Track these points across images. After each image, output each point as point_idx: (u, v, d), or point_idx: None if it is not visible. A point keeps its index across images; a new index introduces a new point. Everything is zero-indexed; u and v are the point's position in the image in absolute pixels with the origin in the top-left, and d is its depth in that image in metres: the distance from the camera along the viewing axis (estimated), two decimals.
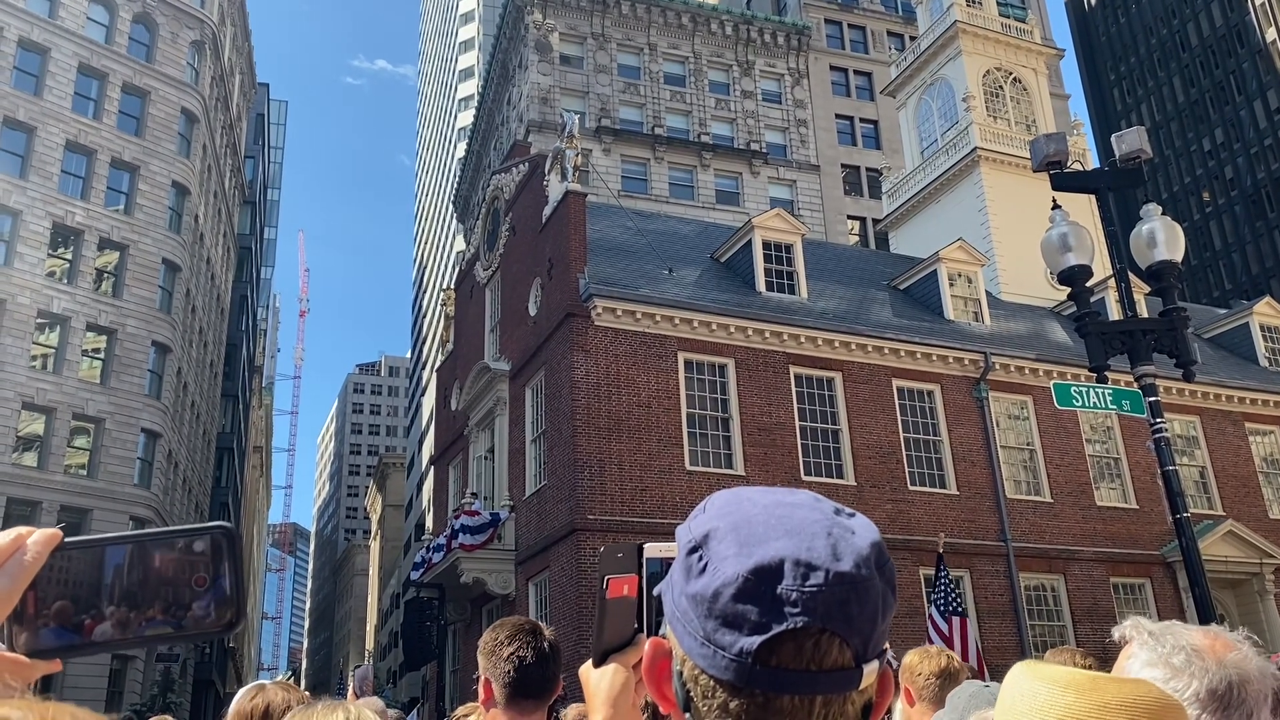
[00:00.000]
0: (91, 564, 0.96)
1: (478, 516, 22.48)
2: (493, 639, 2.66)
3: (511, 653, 2.57)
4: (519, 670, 2.56)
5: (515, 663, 2.56)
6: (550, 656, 2.62)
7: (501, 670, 2.58)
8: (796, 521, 0.88)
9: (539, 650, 2.60)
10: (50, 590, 0.94)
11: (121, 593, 0.96)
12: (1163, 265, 8.61)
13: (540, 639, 2.63)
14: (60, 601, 0.94)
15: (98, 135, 38.38)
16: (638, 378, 20.81)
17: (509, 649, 2.58)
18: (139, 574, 0.96)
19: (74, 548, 0.96)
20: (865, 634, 0.86)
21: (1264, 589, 24.48)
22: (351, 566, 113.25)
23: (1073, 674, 0.97)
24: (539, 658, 2.58)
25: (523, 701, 2.56)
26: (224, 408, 55.38)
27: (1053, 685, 0.96)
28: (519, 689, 2.55)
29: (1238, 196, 72.87)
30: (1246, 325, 30.07)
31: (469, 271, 30.60)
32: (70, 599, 0.94)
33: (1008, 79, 34.13)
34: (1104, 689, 0.94)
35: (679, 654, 0.90)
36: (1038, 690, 0.97)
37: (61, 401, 34.77)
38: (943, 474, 22.87)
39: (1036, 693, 0.96)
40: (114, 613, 0.95)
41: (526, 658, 2.56)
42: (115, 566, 0.97)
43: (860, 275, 27.51)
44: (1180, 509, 8.02)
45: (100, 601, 0.95)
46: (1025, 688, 0.98)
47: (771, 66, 53.11)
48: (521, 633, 2.63)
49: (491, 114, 58.50)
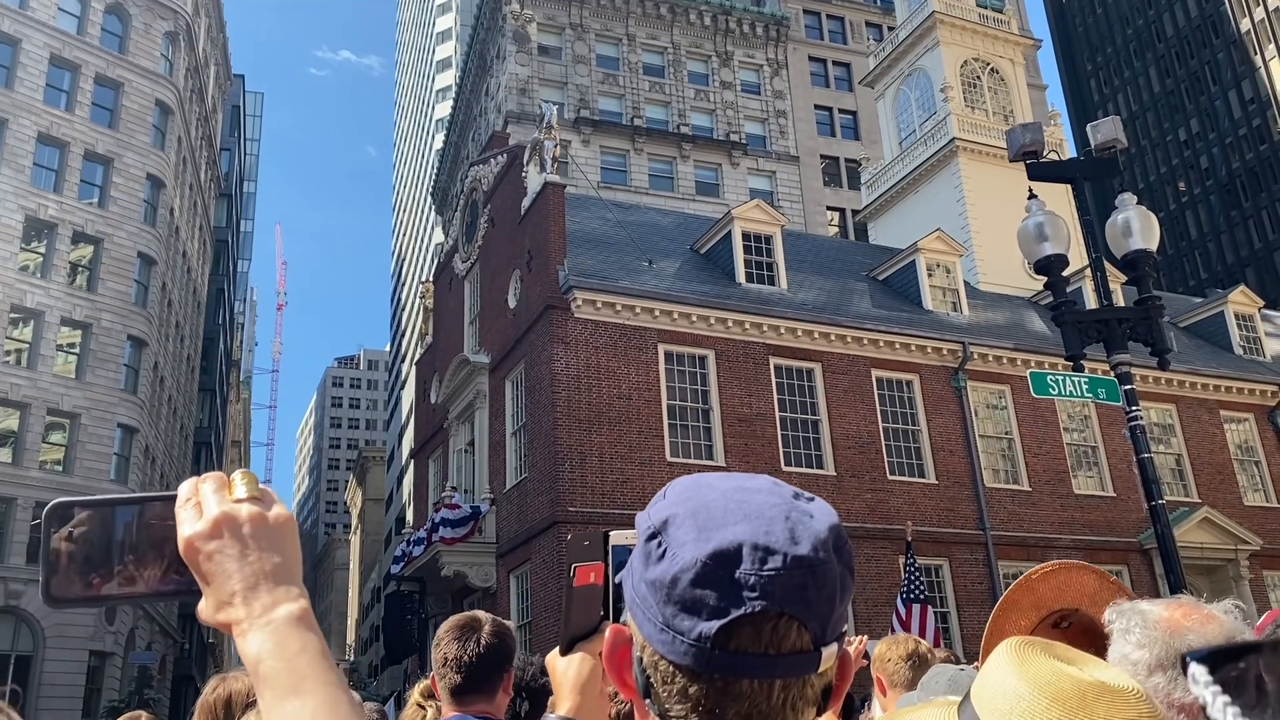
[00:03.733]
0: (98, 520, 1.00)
1: (458, 510, 22.44)
2: (436, 637, 2.81)
3: (444, 652, 2.72)
4: (451, 668, 2.71)
5: (447, 661, 2.71)
6: (488, 653, 2.70)
7: (438, 669, 2.75)
8: (755, 506, 0.88)
9: (473, 648, 2.70)
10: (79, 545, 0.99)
11: (134, 549, 1.00)
12: (1138, 254, 8.66)
13: (476, 637, 2.72)
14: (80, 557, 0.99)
15: (70, 127, 37.94)
16: (618, 370, 20.79)
17: (443, 649, 2.73)
18: (145, 533, 1.00)
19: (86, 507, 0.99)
20: (823, 617, 0.86)
21: (1239, 574, 24.74)
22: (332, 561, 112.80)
23: (1061, 680, 0.91)
24: (471, 657, 2.69)
25: (462, 695, 2.70)
26: (201, 402, 54.99)
27: (1038, 693, 0.91)
28: (453, 687, 2.71)
29: (1213, 186, 73.46)
30: (1221, 314, 30.34)
31: (448, 264, 30.47)
32: (84, 556, 0.99)
33: (985, 69, 34.24)
34: (1092, 709, 0.89)
35: (639, 640, 0.90)
36: (1021, 693, 0.92)
37: (36, 397, 34.41)
38: (921, 463, 22.99)
39: (1019, 696, 0.91)
40: (122, 570, 0.99)
41: (461, 658, 2.69)
42: (125, 525, 1.00)
43: (839, 266, 27.57)
44: (1156, 496, 8.08)
45: (111, 559, 0.99)
46: (1008, 686, 0.93)
47: (750, 57, 53.09)
48: (459, 631, 2.75)
49: (469, 105, 58.24)
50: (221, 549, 0.96)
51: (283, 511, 1.00)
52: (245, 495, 0.99)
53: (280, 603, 0.95)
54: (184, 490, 1.00)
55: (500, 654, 2.75)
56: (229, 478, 1.01)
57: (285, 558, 0.98)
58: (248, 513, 0.98)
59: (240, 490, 0.99)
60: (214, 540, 0.96)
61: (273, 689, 0.90)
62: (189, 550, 0.97)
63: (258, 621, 0.93)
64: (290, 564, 0.98)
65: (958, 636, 21.29)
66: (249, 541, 0.96)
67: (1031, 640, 0.97)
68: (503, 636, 2.78)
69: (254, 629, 0.93)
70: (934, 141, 32.62)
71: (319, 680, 0.90)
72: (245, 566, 0.95)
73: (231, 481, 1.01)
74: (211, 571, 0.96)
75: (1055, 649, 0.96)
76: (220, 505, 0.98)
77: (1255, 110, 70.23)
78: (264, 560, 0.96)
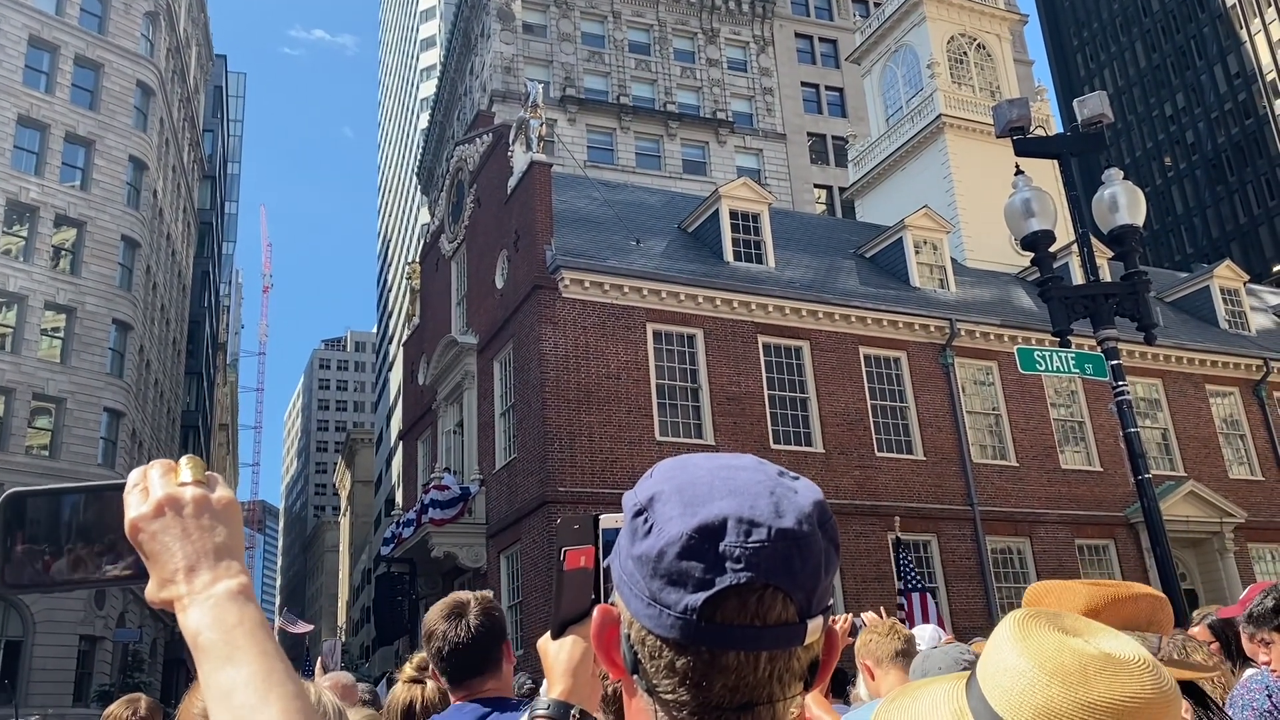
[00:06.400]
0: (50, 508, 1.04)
1: (448, 491, 22.43)
2: (425, 629, 2.80)
3: (436, 643, 2.73)
4: (439, 656, 2.72)
5: (441, 651, 2.72)
6: (476, 636, 2.70)
7: (434, 660, 2.76)
8: (740, 483, 0.89)
9: (464, 631, 2.70)
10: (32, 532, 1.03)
11: (81, 534, 1.04)
12: (1124, 229, 8.67)
13: (463, 621, 2.71)
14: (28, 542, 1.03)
15: (50, 109, 37.52)
16: (606, 349, 20.77)
17: (435, 641, 2.73)
18: (93, 516, 1.04)
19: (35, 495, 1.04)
20: (808, 589, 0.87)
21: (1224, 547, 24.97)
22: (321, 543, 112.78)
23: (1063, 654, 0.89)
24: (464, 640, 2.69)
25: (466, 680, 2.71)
26: (188, 385, 54.72)
27: (1038, 668, 0.88)
28: (453, 673, 2.72)
29: (1198, 161, 73.61)
30: (1207, 289, 30.48)
31: (434, 244, 30.33)
32: (31, 539, 1.03)
33: (972, 45, 34.15)
34: (1093, 684, 0.86)
35: (626, 618, 0.91)
36: (1022, 669, 0.90)
37: (21, 382, 34.19)
38: (909, 440, 23.07)
39: (1020, 671, 0.89)
40: (71, 551, 1.03)
41: (443, 648, 2.70)
42: (72, 506, 1.05)
43: (827, 244, 27.56)
44: (1142, 470, 8.12)
45: (59, 541, 1.03)
46: (1010, 662, 0.91)
47: (737, 34, 52.82)
48: (447, 615, 2.75)
49: (454, 84, 57.83)
50: (165, 528, 1.00)
51: (226, 493, 1.04)
52: (190, 479, 1.03)
53: (220, 579, 0.98)
54: (132, 477, 1.04)
55: (492, 630, 2.74)
56: (175, 463, 1.05)
57: (227, 537, 1.01)
58: (191, 494, 1.02)
59: (186, 474, 1.04)
60: (157, 520, 1.00)
61: (210, 659, 0.94)
62: (134, 531, 1.00)
63: (198, 597, 0.97)
64: (232, 543, 1.01)
65: (947, 612, 21.43)
66: (190, 522, 1.00)
67: (1038, 612, 0.95)
68: (490, 612, 2.77)
69: (194, 604, 0.96)
70: (921, 118, 32.56)
71: (256, 650, 0.93)
72: (187, 545, 0.99)
73: (178, 466, 1.04)
74: (155, 551, 0.99)
75: (1062, 620, 0.94)
76: (165, 488, 1.02)
77: (1241, 85, 70.32)
78: (205, 539, 1.00)
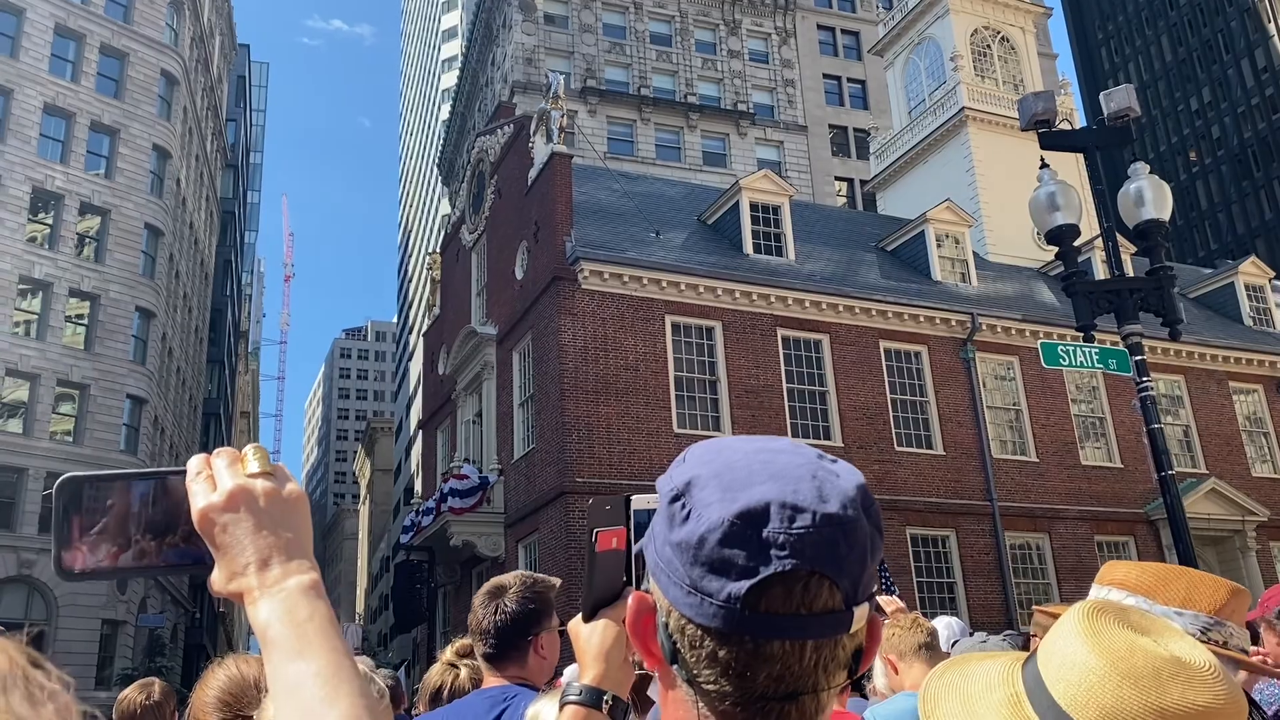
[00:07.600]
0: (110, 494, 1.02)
1: (466, 480, 22.52)
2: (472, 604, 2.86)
3: (473, 620, 2.79)
4: (480, 636, 2.77)
5: (476, 629, 2.78)
6: (512, 618, 2.74)
7: (474, 637, 2.82)
8: (780, 466, 0.87)
9: (497, 616, 2.74)
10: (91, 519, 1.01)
11: (147, 523, 1.02)
12: (1150, 224, 8.60)
13: (499, 603, 2.76)
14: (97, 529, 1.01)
15: (76, 98, 37.79)
16: (625, 341, 20.78)
17: (474, 617, 2.80)
18: (157, 507, 1.02)
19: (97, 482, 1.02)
20: (855, 575, 0.84)
21: (1246, 546, 24.77)
22: (341, 531, 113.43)
23: (1135, 655, 0.85)
24: (496, 623, 2.74)
25: (495, 662, 2.77)
26: (210, 373, 55.09)
27: (1111, 668, 0.86)
28: (485, 654, 2.78)
29: (1224, 156, 72.83)
30: (1232, 285, 30.18)
31: (455, 235, 30.40)
32: (101, 529, 1.01)
33: (995, 38, 33.89)
34: (1167, 690, 0.84)
35: (664, 606, 0.88)
36: (1091, 666, 0.86)
37: (45, 368, 34.52)
38: (929, 434, 22.98)
39: (1090, 668, 0.86)
40: (135, 543, 1.01)
41: (486, 625, 2.75)
42: (140, 498, 1.03)
43: (848, 237, 27.45)
44: (1165, 467, 8.07)
45: (125, 532, 1.01)
46: (1079, 657, 0.88)
47: (758, 25, 52.59)
48: (486, 597, 2.81)
49: (475, 75, 57.85)
50: (236, 521, 0.99)
51: (295, 488, 1.03)
52: (258, 470, 1.02)
53: (292, 574, 0.98)
54: (194, 465, 1.03)
55: (526, 618, 2.75)
56: (241, 452, 1.04)
57: (297, 533, 1.01)
58: (262, 488, 1.01)
59: (253, 465, 1.02)
60: (229, 513, 0.99)
61: (280, 652, 0.94)
62: (204, 521, 0.99)
63: (270, 590, 0.97)
64: (302, 539, 1.01)
65: (964, 607, 21.38)
66: (263, 516, 0.99)
67: (1104, 606, 0.92)
68: (529, 600, 2.77)
69: (265, 598, 0.96)
70: (943, 111, 32.35)
71: (326, 646, 0.94)
72: (259, 539, 0.98)
73: (244, 456, 1.03)
74: (226, 543, 0.99)
75: (1129, 616, 0.92)
76: (235, 479, 1.01)
77: (1268, 79, 69.48)
78: (278, 534, 0.99)
